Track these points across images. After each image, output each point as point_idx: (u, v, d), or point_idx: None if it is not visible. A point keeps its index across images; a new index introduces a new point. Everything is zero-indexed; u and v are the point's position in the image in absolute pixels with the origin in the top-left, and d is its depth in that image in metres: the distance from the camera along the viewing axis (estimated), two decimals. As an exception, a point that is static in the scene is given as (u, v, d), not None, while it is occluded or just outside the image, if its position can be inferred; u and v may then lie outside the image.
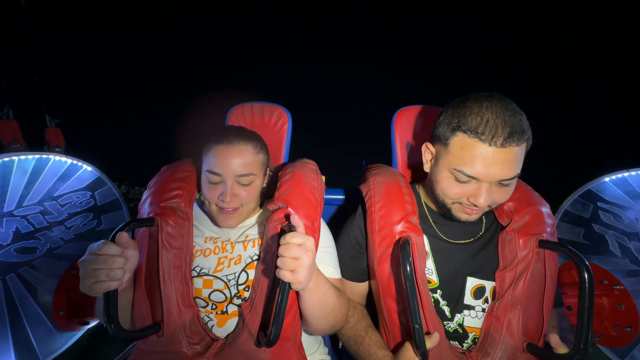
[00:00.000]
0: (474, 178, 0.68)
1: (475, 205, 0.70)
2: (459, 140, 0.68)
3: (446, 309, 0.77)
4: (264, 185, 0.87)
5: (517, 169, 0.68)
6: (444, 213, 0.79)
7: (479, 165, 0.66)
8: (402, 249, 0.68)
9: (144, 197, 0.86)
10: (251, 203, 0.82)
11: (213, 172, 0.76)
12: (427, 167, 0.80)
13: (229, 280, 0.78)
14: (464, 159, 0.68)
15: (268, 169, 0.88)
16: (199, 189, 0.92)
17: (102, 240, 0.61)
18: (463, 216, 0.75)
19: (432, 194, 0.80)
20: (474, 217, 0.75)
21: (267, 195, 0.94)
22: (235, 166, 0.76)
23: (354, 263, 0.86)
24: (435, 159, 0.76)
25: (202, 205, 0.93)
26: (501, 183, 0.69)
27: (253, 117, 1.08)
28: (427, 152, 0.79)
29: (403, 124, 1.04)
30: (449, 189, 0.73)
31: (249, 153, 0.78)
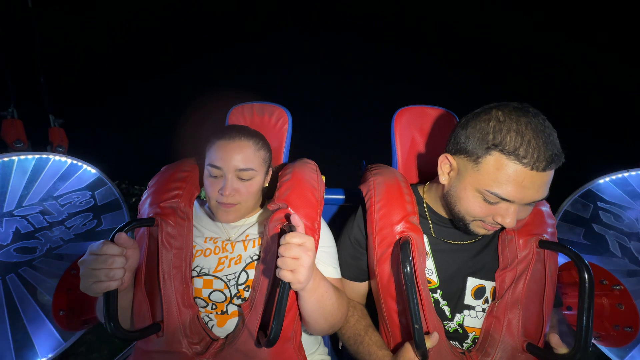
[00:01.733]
0: (506, 200, 0.64)
1: (499, 224, 0.68)
2: (495, 160, 0.63)
3: (446, 309, 0.77)
4: (266, 184, 0.87)
5: (548, 189, 0.65)
6: (459, 226, 0.76)
7: (514, 189, 0.62)
8: (402, 249, 0.68)
9: (144, 197, 0.86)
10: (250, 200, 0.82)
11: (214, 166, 0.78)
12: (444, 180, 0.74)
13: (229, 280, 0.78)
14: (498, 181, 0.63)
15: (270, 168, 0.88)
16: (200, 189, 0.92)
17: (102, 240, 0.61)
18: (481, 231, 0.73)
19: (449, 207, 0.76)
20: (491, 232, 0.73)
21: (268, 195, 0.94)
22: (236, 161, 0.77)
23: (355, 263, 0.86)
24: (458, 174, 0.71)
25: (202, 204, 0.93)
26: (529, 203, 0.66)
27: (253, 117, 1.08)
28: (446, 164, 0.73)
29: (403, 124, 1.04)
30: (475, 208, 0.68)
31: (250, 149, 0.79)
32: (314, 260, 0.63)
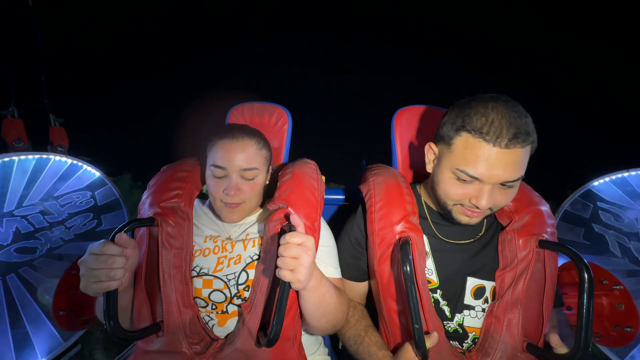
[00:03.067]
0: (476, 179, 0.67)
1: (477, 207, 0.69)
2: (463, 140, 0.68)
3: (446, 309, 0.77)
4: (267, 182, 0.87)
5: (520, 171, 0.67)
6: (444, 215, 0.78)
7: (482, 166, 0.65)
8: (402, 249, 0.68)
9: (144, 196, 0.86)
10: (254, 198, 0.83)
11: (218, 166, 0.78)
12: (429, 168, 0.79)
13: (229, 280, 0.78)
14: (467, 159, 0.67)
15: (270, 166, 0.89)
16: (200, 187, 0.92)
17: (102, 240, 0.61)
18: (464, 219, 0.74)
19: (433, 194, 0.79)
20: (474, 220, 0.74)
21: (268, 194, 0.94)
22: (240, 160, 0.77)
23: (355, 263, 0.86)
24: (438, 159, 0.75)
25: (202, 203, 0.93)
26: (504, 185, 0.68)
27: (253, 117, 1.08)
28: (430, 152, 0.78)
29: (403, 124, 1.04)
30: (450, 189, 0.72)
31: (252, 148, 0.80)
32: (314, 260, 0.63)
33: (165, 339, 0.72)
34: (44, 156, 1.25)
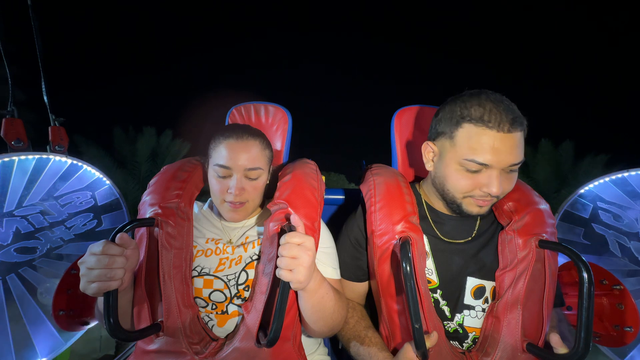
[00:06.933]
0: (485, 165, 0.69)
1: (489, 195, 0.71)
2: (465, 131, 0.70)
3: (446, 309, 0.77)
4: (267, 182, 0.88)
5: (522, 154, 0.70)
6: (453, 209, 0.78)
7: (489, 152, 0.67)
8: (402, 249, 0.68)
9: (144, 197, 0.86)
10: (257, 198, 0.83)
11: (222, 166, 0.78)
12: (429, 166, 0.80)
13: (229, 280, 0.78)
14: (473, 148, 0.69)
15: (271, 167, 0.89)
16: (200, 188, 0.92)
17: (102, 240, 0.61)
18: (474, 209, 0.75)
19: (439, 191, 0.79)
20: (484, 209, 0.75)
21: (268, 195, 0.94)
22: (244, 160, 0.78)
23: (354, 263, 0.86)
24: (440, 156, 0.76)
25: (201, 207, 0.93)
26: (510, 170, 0.71)
27: (253, 117, 1.08)
28: (428, 151, 0.79)
29: (403, 124, 1.04)
30: (460, 181, 0.73)
31: (256, 148, 0.80)
32: (313, 260, 0.63)
33: (165, 339, 0.72)
34: (44, 156, 1.25)
